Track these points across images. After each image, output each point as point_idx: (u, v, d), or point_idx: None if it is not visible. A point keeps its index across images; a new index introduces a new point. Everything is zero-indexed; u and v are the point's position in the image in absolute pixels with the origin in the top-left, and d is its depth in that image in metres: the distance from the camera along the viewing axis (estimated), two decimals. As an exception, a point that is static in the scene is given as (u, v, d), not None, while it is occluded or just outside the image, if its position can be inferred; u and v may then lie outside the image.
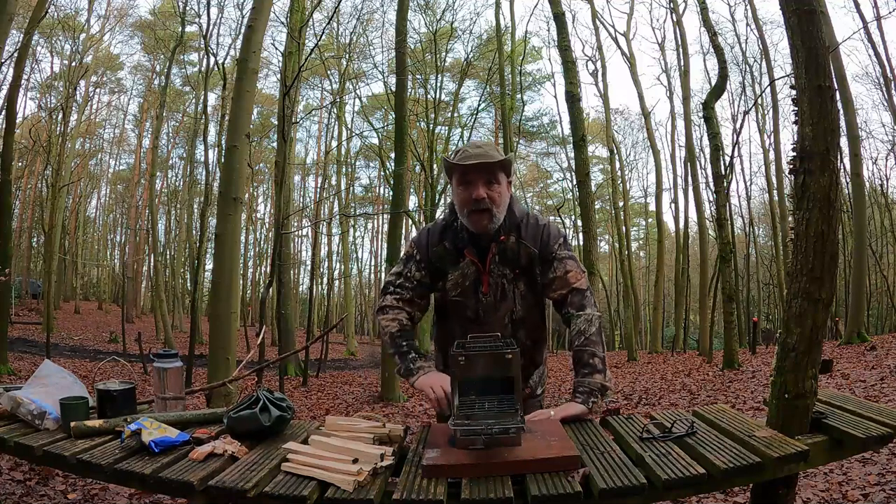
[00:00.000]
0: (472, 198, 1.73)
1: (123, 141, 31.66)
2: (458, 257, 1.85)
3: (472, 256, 1.83)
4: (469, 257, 1.83)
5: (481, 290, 1.83)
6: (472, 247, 1.83)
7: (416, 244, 1.92)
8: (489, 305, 1.83)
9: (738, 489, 2.93)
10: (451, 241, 1.86)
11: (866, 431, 1.43)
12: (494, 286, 1.82)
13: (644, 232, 37.77)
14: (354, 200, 30.77)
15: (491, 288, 1.82)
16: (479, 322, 1.83)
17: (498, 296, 1.83)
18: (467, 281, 1.84)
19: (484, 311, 1.84)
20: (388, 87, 17.25)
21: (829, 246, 1.49)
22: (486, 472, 1.32)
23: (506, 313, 1.84)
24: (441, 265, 1.87)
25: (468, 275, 1.84)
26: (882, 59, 16.91)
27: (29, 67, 18.46)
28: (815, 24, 1.54)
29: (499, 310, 1.84)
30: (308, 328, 16.24)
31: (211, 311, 5.95)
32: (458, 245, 1.84)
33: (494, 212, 1.75)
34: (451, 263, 1.85)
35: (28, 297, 26.61)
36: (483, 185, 1.73)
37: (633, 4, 23.03)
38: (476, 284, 1.84)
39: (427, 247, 1.89)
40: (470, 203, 1.74)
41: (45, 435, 1.66)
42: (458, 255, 1.85)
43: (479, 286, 1.83)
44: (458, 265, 1.85)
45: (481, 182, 1.73)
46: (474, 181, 1.73)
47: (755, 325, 16.39)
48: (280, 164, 11.24)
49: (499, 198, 1.76)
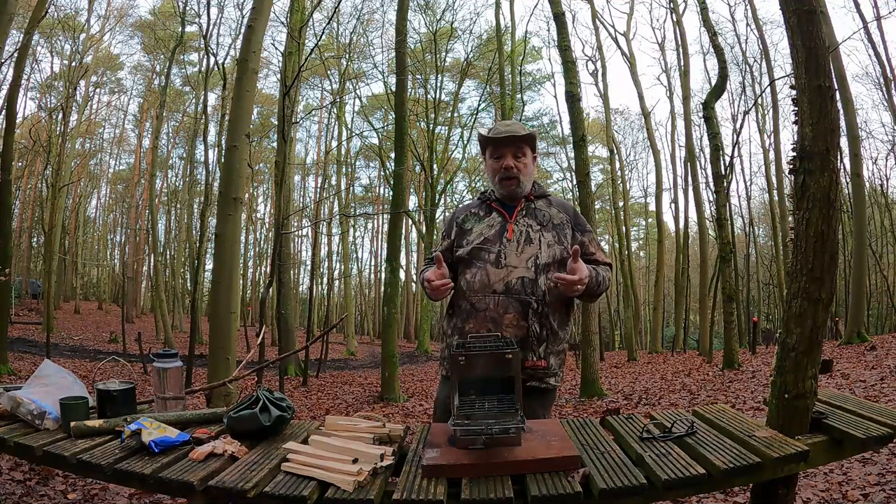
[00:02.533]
0: (503, 167, 1.97)
1: (123, 141, 31.70)
2: (486, 212, 2.03)
3: (499, 207, 2.01)
4: (495, 208, 2.01)
5: (506, 237, 1.94)
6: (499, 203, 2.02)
7: (446, 221, 2.16)
8: (513, 248, 1.91)
9: (738, 489, 2.93)
10: (478, 205, 2.07)
11: (866, 431, 1.43)
12: (519, 233, 1.94)
13: (644, 232, 37.79)
14: (354, 200, 30.77)
15: (515, 234, 1.94)
16: (500, 265, 1.90)
17: (522, 240, 1.93)
18: (493, 230, 1.96)
19: (506, 254, 1.90)
20: (388, 87, 17.26)
21: (829, 246, 1.49)
22: (486, 472, 1.32)
23: (530, 257, 1.90)
24: (467, 224, 2.03)
25: (494, 225, 1.98)
26: (882, 59, 16.94)
27: (29, 67, 18.48)
28: (815, 24, 1.54)
29: (523, 253, 1.91)
30: (308, 328, 16.23)
31: (211, 311, 5.95)
32: (487, 202, 2.04)
33: (522, 179, 1.98)
34: (478, 219, 2.02)
35: (28, 297, 26.58)
36: (511, 156, 1.98)
37: (633, 4, 23.04)
38: (502, 231, 1.95)
39: (453, 218, 2.10)
40: (500, 171, 1.98)
41: (45, 435, 1.66)
42: (487, 209, 2.03)
43: (503, 233, 1.95)
44: (485, 219, 2.01)
45: (510, 154, 1.98)
46: (504, 153, 1.98)
47: (755, 325, 16.40)
48: (280, 164, 11.24)
49: (525, 168, 1.99)
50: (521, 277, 1.88)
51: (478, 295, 1.89)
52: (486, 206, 2.05)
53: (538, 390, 1.88)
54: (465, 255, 1.97)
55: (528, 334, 1.84)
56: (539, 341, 1.85)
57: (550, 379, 1.90)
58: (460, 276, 1.99)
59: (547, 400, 1.92)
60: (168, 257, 29.72)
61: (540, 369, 1.86)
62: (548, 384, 1.89)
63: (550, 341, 1.88)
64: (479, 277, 1.90)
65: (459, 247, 2.01)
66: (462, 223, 2.04)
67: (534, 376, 1.85)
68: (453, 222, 2.08)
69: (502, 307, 1.86)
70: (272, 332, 19.71)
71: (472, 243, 1.96)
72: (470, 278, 1.93)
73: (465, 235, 2.01)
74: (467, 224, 2.03)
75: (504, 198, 2.02)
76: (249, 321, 27.46)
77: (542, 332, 1.85)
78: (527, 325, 1.84)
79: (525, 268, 1.88)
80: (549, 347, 1.87)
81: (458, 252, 2.00)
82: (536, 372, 1.85)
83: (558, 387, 1.98)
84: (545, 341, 1.86)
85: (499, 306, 1.86)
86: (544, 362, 1.86)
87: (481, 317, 1.87)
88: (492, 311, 1.86)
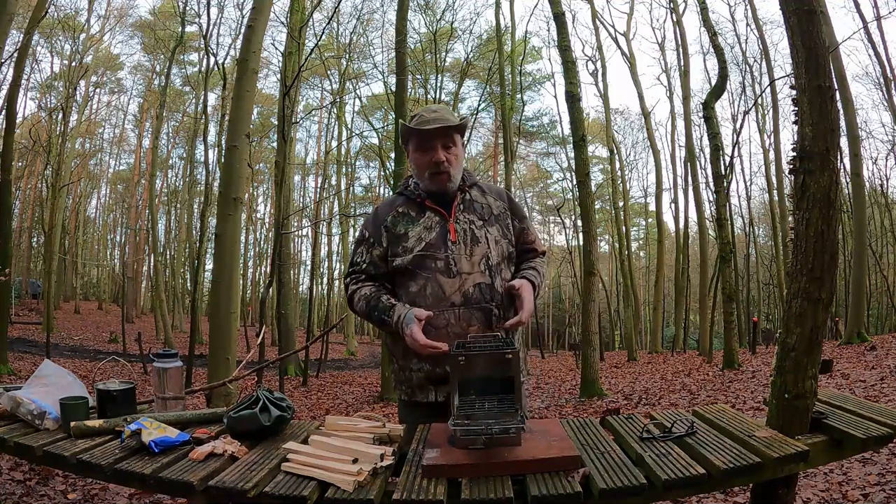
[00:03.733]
0: (432, 161, 1.76)
1: (123, 141, 31.70)
2: (419, 212, 1.81)
3: (434, 205, 1.80)
4: (431, 206, 1.80)
5: (449, 239, 1.75)
6: (433, 200, 1.82)
7: (365, 225, 1.89)
8: (461, 252, 1.74)
9: (738, 489, 2.93)
10: (405, 203, 1.84)
11: (866, 431, 1.43)
12: (462, 233, 1.76)
13: (644, 232, 37.79)
14: (354, 200, 30.73)
15: (459, 235, 1.76)
16: (451, 274, 1.72)
17: (469, 240, 1.76)
18: (433, 232, 1.76)
19: (456, 259, 1.73)
20: (388, 87, 17.24)
21: (829, 246, 1.49)
22: (486, 472, 1.32)
23: (481, 259, 1.75)
24: (399, 228, 1.80)
25: (432, 226, 1.78)
26: (882, 59, 16.94)
27: (29, 67, 18.47)
28: (815, 24, 1.54)
29: (473, 255, 1.74)
30: (308, 328, 16.26)
31: (211, 311, 5.95)
32: (416, 200, 1.82)
33: (452, 173, 1.79)
34: (410, 221, 1.80)
35: (28, 297, 26.58)
36: (441, 148, 1.77)
37: (633, 4, 23.06)
38: (443, 233, 1.76)
39: (377, 221, 1.84)
40: (430, 166, 1.77)
41: (45, 435, 1.66)
42: (419, 209, 1.82)
43: (446, 234, 1.76)
44: (419, 221, 1.79)
45: (439, 145, 1.77)
46: (434, 145, 1.77)
47: (755, 325, 16.40)
48: (280, 164, 11.25)
49: (455, 160, 1.80)
50: (478, 284, 1.72)
51: (432, 310, 1.69)
52: (417, 204, 1.82)
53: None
54: (407, 266, 1.75)
55: None
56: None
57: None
58: (400, 289, 1.79)
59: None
60: (168, 257, 29.73)
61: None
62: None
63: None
64: (431, 290, 1.71)
65: (395, 255, 1.78)
66: (392, 227, 1.80)
67: None
68: (380, 226, 1.82)
69: (464, 320, 1.70)
70: (272, 332, 19.71)
71: (413, 251, 1.74)
72: (418, 291, 1.73)
73: (399, 241, 1.78)
74: (399, 227, 1.79)
75: (433, 194, 1.81)
76: (249, 321, 27.47)
77: (508, 336, 1.71)
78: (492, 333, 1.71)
79: (479, 272, 1.73)
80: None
81: (396, 262, 1.77)
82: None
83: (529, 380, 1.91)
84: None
85: (461, 320, 1.70)
86: None
87: (442, 334, 1.67)
88: (454, 325, 1.69)
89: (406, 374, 1.80)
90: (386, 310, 1.73)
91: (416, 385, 1.78)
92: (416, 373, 1.77)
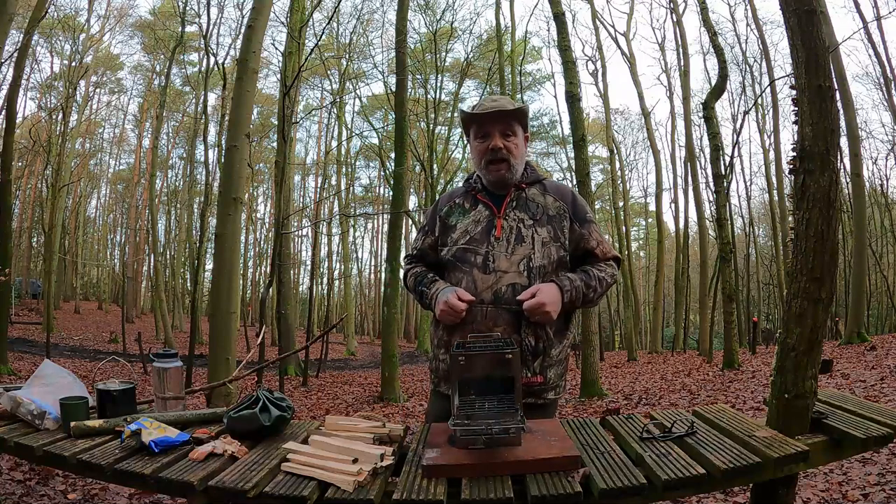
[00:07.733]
0: (490, 148, 1.72)
1: (123, 141, 31.72)
2: (472, 205, 1.78)
3: (485, 199, 1.76)
4: (482, 200, 1.76)
5: (493, 234, 1.70)
6: (486, 193, 1.78)
7: (429, 211, 1.91)
8: (501, 249, 1.69)
9: (738, 489, 2.93)
10: (462, 194, 1.82)
11: (866, 431, 1.42)
12: (508, 230, 1.71)
13: (644, 232, 37.79)
14: (354, 200, 30.77)
15: (504, 231, 1.70)
16: (488, 270, 1.67)
17: (512, 239, 1.69)
18: (479, 226, 1.73)
19: (495, 257, 1.68)
20: (388, 87, 17.26)
21: (829, 246, 1.49)
22: (486, 472, 1.32)
23: (522, 259, 1.67)
24: (451, 219, 1.79)
25: (480, 220, 1.74)
26: (882, 59, 16.95)
27: (29, 67, 18.48)
28: (815, 24, 1.54)
29: (513, 254, 1.68)
30: (308, 328, 16.25)
31: (211, 311, 5.95)
32: (471, 192, 1.80)
33: (512, 162, 1.73)
34: (462, 213, 1.78)
35: (28, 297, 26.60)
36: (500, 135, 1.73)
37: (633, 4, 23.09)
38: (489, 228, 1.72)
39: (435, 210, 1.86)
40: (487, 153, 1.73)
41: (45, 435, 1.66)
42: (472, 201, 1.78)
43: (491, 230, 1.71)
44: (470, 213, 1.76)
45: (498, 132, 1.73)
46: (491, 132, 1.73)
47: (755, 325, 16.42)
48: (280, 164, 11.25)
49: (515, 149, 1.74)
50: (512, 284, 1.65)
51: None
52: (472, 196, 1.79)
53: (535, 406, 1.69)
54: (450, 258, 1.74)
55: (522, 348, 1.63)
56: (534, 355, 1.66)
57: (549, 393, 1.72)
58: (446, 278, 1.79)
59: (547, 414, 1.74)
60: (168, 257, 29.73)
61: (536, 385, 1.67)
62: (546, 399, 1.72)
63: (547, 354, 1.68)
64: (466, 284, 1.68)
65: (443, 246, 1.77)
66: (446, 217, 1.80)
67: (530, 393, 1.66)
68: (436, 215, 1.83)
69: (491, 319, 1.65)
70: (272, 332, 19.71)
71: (457, 243, 1.73)
72: (456, 285, 1.71)
73: (448, 232, 1.77)
74: (451, 219, 1.79)
75: (492, 185, 1.76)
76: (249, 321, 27.45)
77: (537, 344, 1.66)
78: (519, 338, 1.64)
79: (516, 272, 1.66)
80: (546, 360, 1.68)
81: (442, 252, 1.77)
82: (532, 388, 1.67)
83: (560, 397, 1.80)
84: (541, 355, 1.67)
85: (487, 318, 1.65)
86: (540, 377, 1.68)
87: (468, 330, 1.64)
88: (479, 323, 1.65)
89: (435, 363, 1.80)
90: (428, 283, 1.77)
91: (442, 376, 1.78)
92: (441, 363, 1.76)
